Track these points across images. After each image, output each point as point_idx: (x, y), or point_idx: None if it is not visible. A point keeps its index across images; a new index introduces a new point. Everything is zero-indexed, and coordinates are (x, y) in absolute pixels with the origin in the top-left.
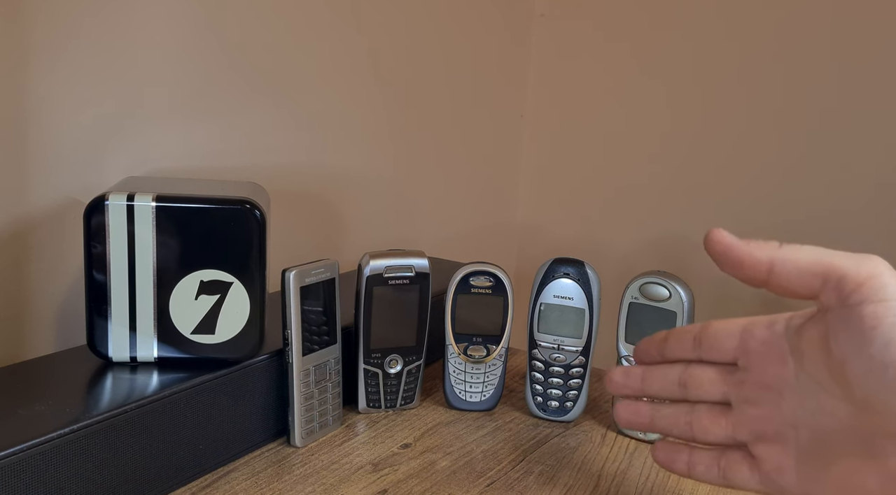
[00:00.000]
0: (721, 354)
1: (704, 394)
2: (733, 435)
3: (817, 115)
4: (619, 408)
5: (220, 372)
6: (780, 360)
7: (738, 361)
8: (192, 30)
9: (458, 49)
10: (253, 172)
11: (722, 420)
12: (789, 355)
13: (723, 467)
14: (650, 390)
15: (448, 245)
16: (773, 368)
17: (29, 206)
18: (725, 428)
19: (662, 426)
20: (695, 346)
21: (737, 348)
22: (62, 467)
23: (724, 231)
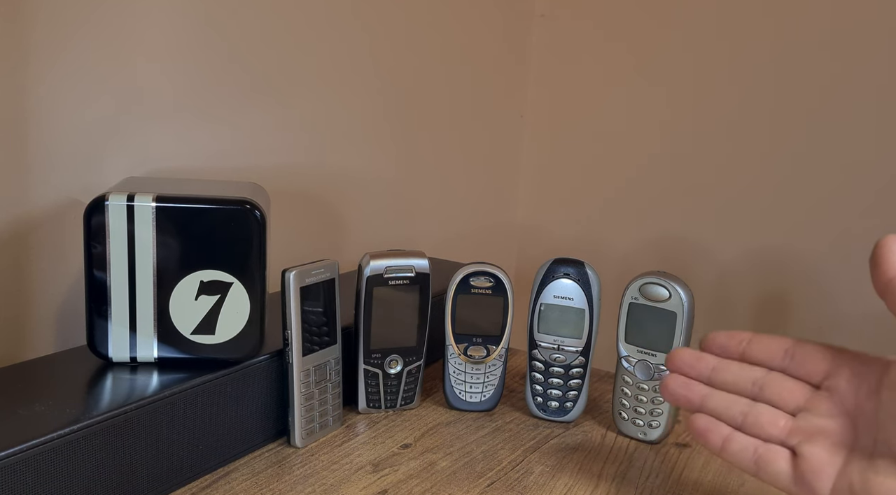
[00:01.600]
0: (810, 374)
1: (779, 401)
2: (786, 438)
3: (817, 114)
4: (670, 379)
5: (220, 372)
6: (867, 394)
7: (824, 384)
8: (192, 30)
9: (458, 49)
10: (253, 172)
11: (781, 421)
12: (876, 391)
13: (760, 454)
14: (719, 379)
15: (448, 245)
16: (857, 398)
17: (29, 206)
18: (782, 429)
19: (712, 407)
20: (785, 357)
21: (826, 372)
22: (62, 467)
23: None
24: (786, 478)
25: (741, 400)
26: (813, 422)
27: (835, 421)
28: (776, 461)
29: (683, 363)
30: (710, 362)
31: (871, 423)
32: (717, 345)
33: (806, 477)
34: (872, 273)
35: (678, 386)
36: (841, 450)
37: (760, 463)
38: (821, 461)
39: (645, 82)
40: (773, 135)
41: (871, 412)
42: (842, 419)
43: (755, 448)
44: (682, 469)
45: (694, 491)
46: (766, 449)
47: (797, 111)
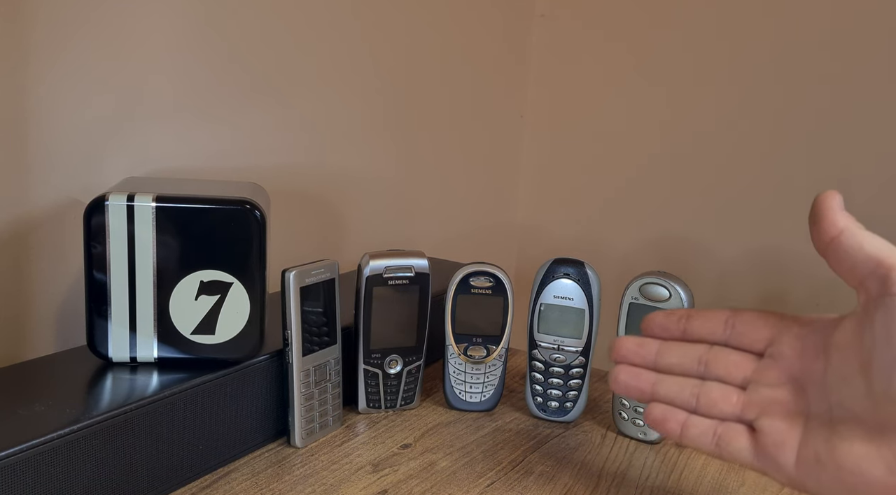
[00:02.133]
0: (751, 342)
1: (726, 375)
2: (741, 413)
3: (817, 114)
4: (618, 371)
5: (220, 372)
6: (813, 356)
7: (767, 350)
8: (192, 30)
9: (458, 49)
10: (253, 172)
11: (733, 397)
12: (822, 352)
13: (719, 434)
14: (664, 363)
15: (448, 245)
16: (803, 362)
17: (29, 206)
18: (735, 405)
19: (665, 394)
20: (726, 329)
21: (769, 338)
22: (62, 467)
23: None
24: (748, 455)
25: (690, 381)
26: (764, 394)
27: (785, 389)
28: (736, 439)
29: (628, 351)
30: (652, 346)
31: (822, 386)
32: (656, 325)
33: (769, 451)
34: (813, 231)
35: (627, 377)
36: (797, 419)
37: (721, 443)
38: (780, 433)
39: (645, 82)
40: (774, 135)
41: (819, 375)
42: (791, 385)
43: (714, 429)
44: (682, 469)
45: (694, 491)
46: (724, 428)
47: (797, 111)
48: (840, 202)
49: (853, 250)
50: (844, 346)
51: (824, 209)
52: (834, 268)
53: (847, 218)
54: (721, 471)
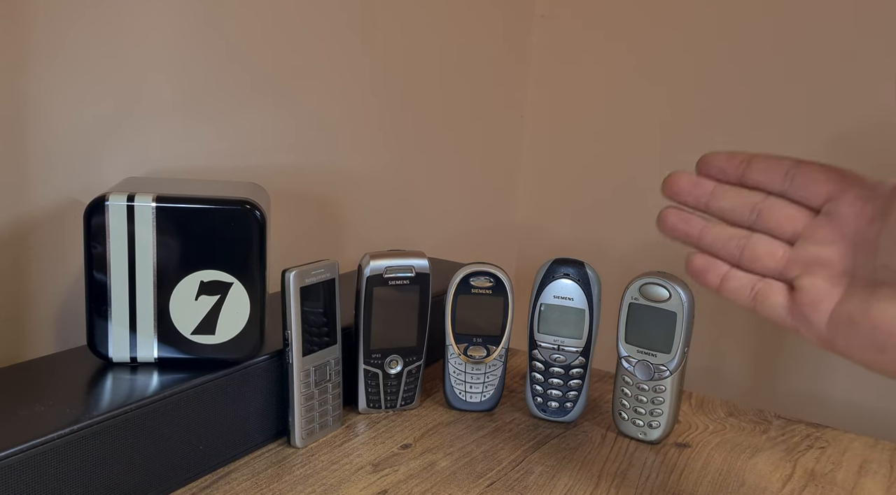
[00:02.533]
0: (811, 196)
1: (776, 228)
2: (784, 270)
3: (818, 114)
4: (668, 212)
5: (220, 372)
6: (869, 218)
7: (824, 207)
8: (192, 30)
9: (458, 50)
10: (253, 172)
11: (779, 253)
12: (879, 216)
13: (757, 290)
14: (716, 207)
15: (448, 245)
16: (859, 223)
17: (29, 206)
18: (779, 260)
19: (709, 241)
20: (785, 179)
21: (828, 193)
22: (62, 467)
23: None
24: (782, 311)
25: (739, 232)
26: (811, 251)
27: (833, 249)
28: (773, 295)
29: (681, 188)
30: (707, 187)
31: (872, 249)
32: (715, 166)
33: (803, 309)
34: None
35: (677, 220)
36: (840, 280)
37: (758, 298)
38: (819, 292)
39: (645, 82)
40: (774, 135)
41: (871, 238)
42: (841, 246)
43: (753, 284)
44: (682, 469)
45: (694, 491)
46: (763, 284)
47: (798, 111)
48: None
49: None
50: None
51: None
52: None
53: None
54: (721, 472)
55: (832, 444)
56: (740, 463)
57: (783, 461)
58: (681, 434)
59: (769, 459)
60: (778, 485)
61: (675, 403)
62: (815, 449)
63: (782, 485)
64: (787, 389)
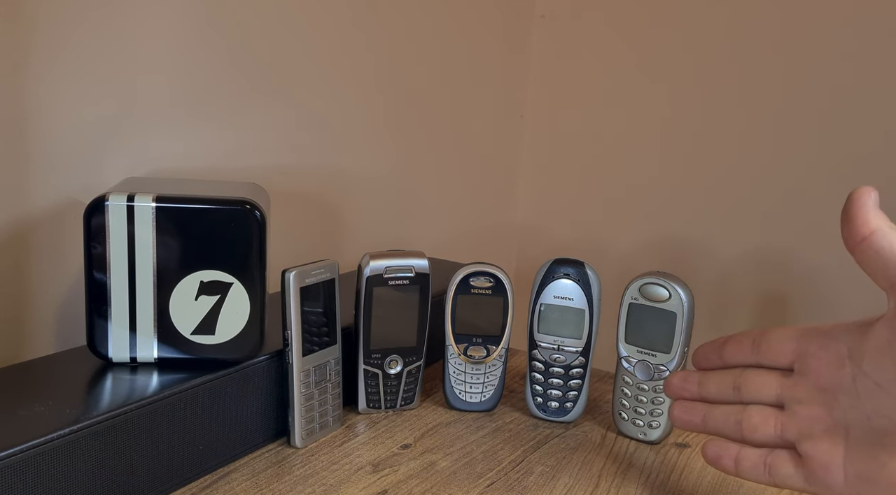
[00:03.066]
0: (778, 358)
1: (758, 396)
2: (782, 435)
3: (819, 114)
4: (674, 407)
5: (220, 372)
6: (838, 364)
7: (795, 365)
8: (192, 30)
9: (458, 50)
10: (253, 172)
11: (772, 419)
12: (847, 358)
13: (769, 464)
14: (705, 392)
15: (448, 245)
16: (830, 371)
17: (29, 206)
18: (774, 426)
19: (713, 424)
20: (753, 351)
21: (794, 352)
22: (62, 467)
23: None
24: (799, 480)
25: (734, 408)
26: (799, 412)
27: (817, 404)
28: (785, 467)
29: (675, 387)
30: (694, 378)
31: (853, 395)
32: (701, 357)
33: (817, 475)
34: (844, 229)
35: (681, 411)
36: (837, 433)
37: (773, 473)
38: (823, 453)
39: (645, 82)
40: (775, 135)
41: (847, 383)
42: (822, 398)
43: (763, 460)
44: (682, 469)
45: (694, 491)
46: (772, 458)
47: (800, 111)
48: (875, 200)
49: (885, 251)
50: (878, 352)
51: (857, 207)
52: (864, 268)
53: (880, 217)
54: (721, 472)
55: None
56: None
57: None
58: (681, 434)
59: None
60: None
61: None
62: None
63: None
64: None
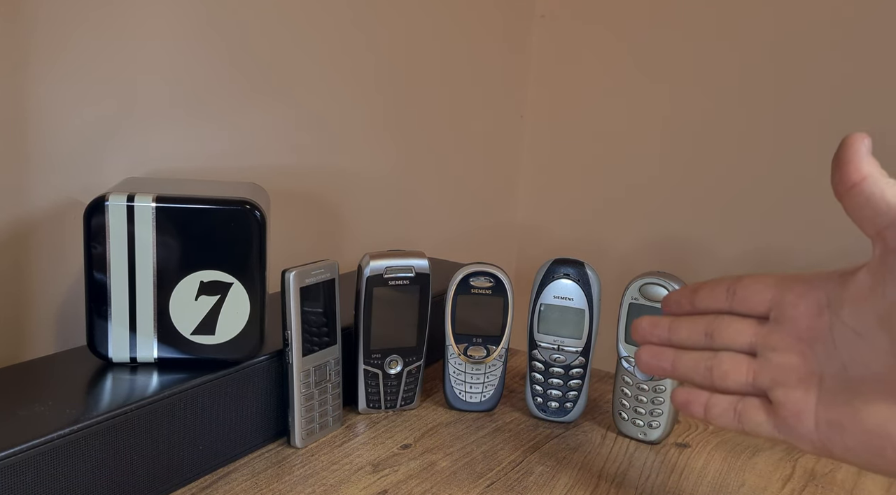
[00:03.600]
0: (754, 306)
1: (731, 343)
2: (753, 382)
3: (819, 114)
4: (641, 351)
5: (220, 372)
6: (816, 312)
7: (771, 314)
8: (192, 30)
9: (458, 50)
10: (253, 172)
11: (744, 366)
12: (826, 307)
13: (739, 411)
14: (676, 338)
15: (448, 245)
16: (807, 320)
17: (29, 207)
18: (746, 374)
19: (682, 370)
20: (728, 297)
21: (771, 300)
22: (62, 467)
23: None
24: (769, 427)
25: (704, 354)
26: (773, 360)
27: (792, 353)
28: (755, 414)
29: (644, 331)
30: (664, 323)
31: (830, 344)
32: (671, 302)
33: (788, 422)
34: (834, 175)
35: (649, 356)
36: (811, 383)
37: (742, 419)
38: (795, 401)
39: (645, 82)
40: (775, 136)
41: (824, 332)
42: (798, 348)
43: (734, 406)
44: (682, 469)
45: (694, 491)
46: (743, 405)
47: (800, 111)
48: (868, 146)
49: (875, 198)
50: (858, 300)
51: (850, 153)
52: (851, 215)
53: (872, 163)
54: (721, 472)
55: None
56: (740, 463)
57: (783, 461)
58: (681, 434)
59: (769, 459)
60: (778, 485)
61: None
62: None
63: (782, 485)
64: None
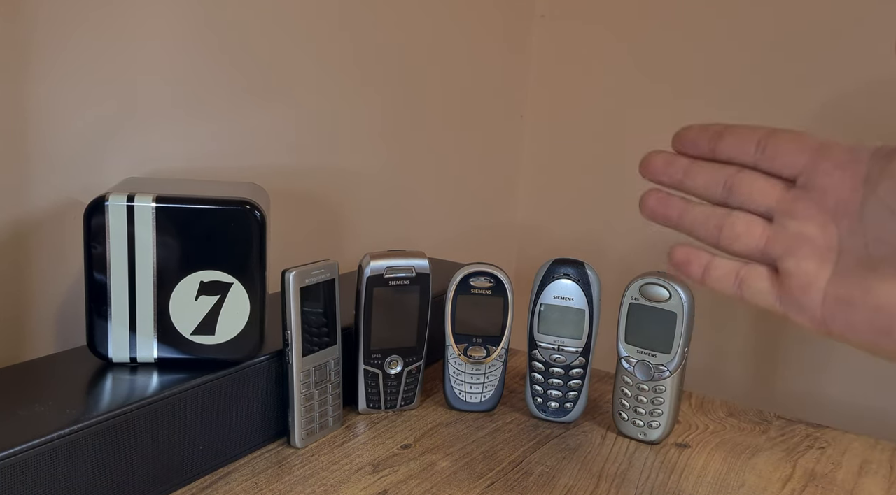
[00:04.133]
0: (784, 167)
1: (749, 202)
2: (765, 249)
3: (820, 114)
4: (648, 195)
5: (220, 372)
6: (851, 186)
7: (800, 179)
8: (192, 30)
9: (458, 50)
10: (253, 172)
11: (757, 230)
12: (862, 182)
13: (741, 277)
14: (691, 184)
15: (448, 245)
16: (839, 192)
17: (29, 207)
18: (759, 238)
19: (689, 224)
20: (757, 150)
21: (805, 164)
22: (62, 467)
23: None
24: (770, 297)
25: (717, 211)
26: (791, 228)
27: (814, 224)
28: (759, 282)
29: (657, 168)
30: (681, 164)
31: (858, 219)
32: (689, 141)
33: (793, 293)
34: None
35: (656, 201)
36: (827, 257)
37: (743, 285)
38: (807, 273)
39: (645, 82)
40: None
41: (855, 209)
42: (822, 219)
43: (736, 271)
44: (682, 469)
45: (694, 492)
46: (747, 271)
47: (800, 111)
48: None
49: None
50: None
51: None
52: None
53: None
54: (721, 472)
55: (832, 444)
56: (740, 463)
57: (783, 461)
58: (681, 434)
59: (769, 459)
60: (778, 486)
61: (675, 403)
62: (815, 449)
63: (782, 486)
64: (787, 389)
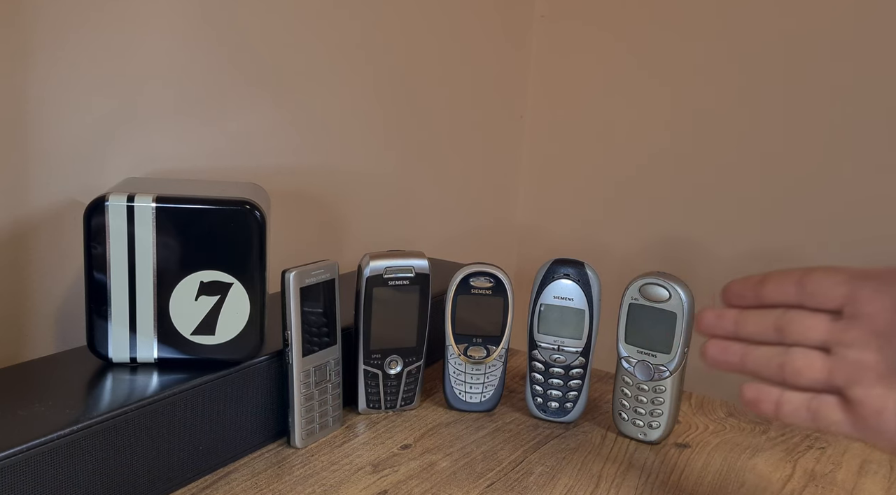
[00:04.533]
0: (825, 301)
1: (803, 339)
2: (829, 379)
3: (820, 114)
4: (708, 346)
5: (220, 373)
6: (892, 307)
7: (845, 309)
8: (193, 31)
9: (458, 50)
10: (253, 172)
11: (818, 363)
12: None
13: (813, 409)
14: (744, 332)
15: (448, 245)
16: (885, 315)
17: (29, 207)
18: (821, 371)
19: (753, 366)
20: (797, 291)
21: (845, 295)
22: (62, 467)
23: None
24: (847, 426)
25: (776, 350)
26: (850, 357)
27: (870, 350)
28: (832, 412)
29: (709, 324)
30: (731, 316)
31: None
32: (734, 294)
33: (868, 421)
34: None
35: (717, 350)
36: (891, 379)
37: (818, 417)
38: (875, 399)
39: (645, 82)
40: (775, 136)
41: None
42: (876, 344)
43: (807, 404)
44: (682, 469)
45: (694, 492)
46: (818, 402)
47: (800, 111)
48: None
49: None
50: None
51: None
52: None
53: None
54: (721, 472)
55: (832, 444)
56: (740, 463)
57: (783, 461)
58: (681, 434)
59: (769, 459)
60: (778, 486)
61: (675, 403)
62: (815, 449)
63: (782, 486)
64: None
